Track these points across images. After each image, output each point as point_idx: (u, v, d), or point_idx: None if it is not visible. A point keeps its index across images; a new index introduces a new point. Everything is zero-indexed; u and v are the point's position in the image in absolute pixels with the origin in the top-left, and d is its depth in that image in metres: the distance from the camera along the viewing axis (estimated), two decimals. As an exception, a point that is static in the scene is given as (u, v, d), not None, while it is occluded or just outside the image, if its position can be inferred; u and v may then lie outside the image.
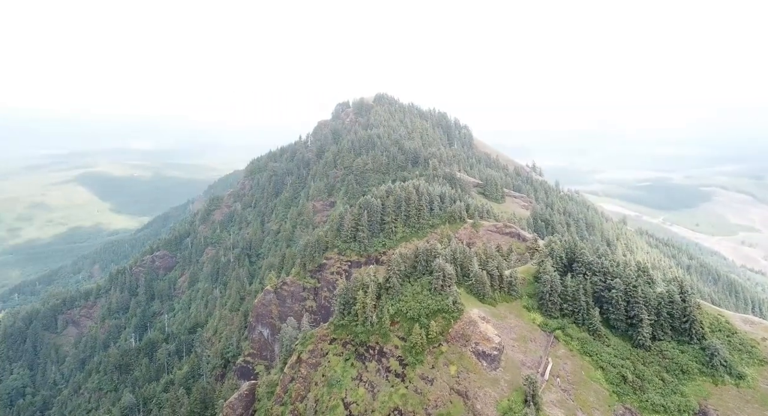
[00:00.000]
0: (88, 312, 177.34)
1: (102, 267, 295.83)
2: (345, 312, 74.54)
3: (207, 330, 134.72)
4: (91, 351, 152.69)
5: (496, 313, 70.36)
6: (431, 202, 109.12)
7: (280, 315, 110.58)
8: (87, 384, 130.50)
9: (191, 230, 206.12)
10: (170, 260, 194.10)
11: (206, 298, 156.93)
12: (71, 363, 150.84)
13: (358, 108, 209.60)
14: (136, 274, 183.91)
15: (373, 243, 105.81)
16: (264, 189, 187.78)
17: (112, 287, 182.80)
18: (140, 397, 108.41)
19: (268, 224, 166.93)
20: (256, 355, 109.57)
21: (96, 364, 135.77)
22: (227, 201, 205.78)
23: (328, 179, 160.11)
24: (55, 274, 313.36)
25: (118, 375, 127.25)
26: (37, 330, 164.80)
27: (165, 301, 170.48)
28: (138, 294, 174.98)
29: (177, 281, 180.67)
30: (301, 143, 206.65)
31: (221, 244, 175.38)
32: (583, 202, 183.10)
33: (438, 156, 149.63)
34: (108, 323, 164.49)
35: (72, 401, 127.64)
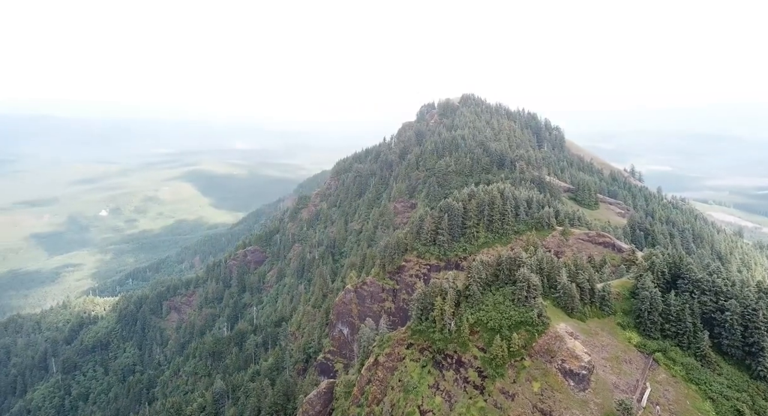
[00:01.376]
0: (188, 300, 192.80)
1: (202, 259, 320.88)
2: (422, 317, 73.32)
3: (291, 324, 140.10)
4: (189, 336, 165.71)
5: (586, 329, 65.27)
6: (517, 207, 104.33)
7: (360, 314, 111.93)
8: (185, 367, 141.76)
9: (280, 227, 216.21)
10: (261, 255, 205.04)
11: (292, 293, 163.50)
12: (173, 346, 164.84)
13: (443, 109, 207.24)
14: (230, 267, 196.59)
15: (454, 247, 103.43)
16: (348, 189, 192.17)
17: (209, 278, 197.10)
18: (229, 384, 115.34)
19: (351, 224, 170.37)
20: (336, 353, 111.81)
21: (193, 349, 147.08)
22: (314, 200, 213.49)
23: (409, 181, 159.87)
24: (162, 263, 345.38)
25: (212, 362, 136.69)
26: (146, 314, 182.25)
27: (255, 294, 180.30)
28: (231, 286, 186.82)
29: (266, 275, 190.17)
30: (385, 145, 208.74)
31: (307, 242, 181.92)
32: (690, 211, 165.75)
33: (526, 158, 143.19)
34: (204, 311, 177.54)
35: (172, 382, 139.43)
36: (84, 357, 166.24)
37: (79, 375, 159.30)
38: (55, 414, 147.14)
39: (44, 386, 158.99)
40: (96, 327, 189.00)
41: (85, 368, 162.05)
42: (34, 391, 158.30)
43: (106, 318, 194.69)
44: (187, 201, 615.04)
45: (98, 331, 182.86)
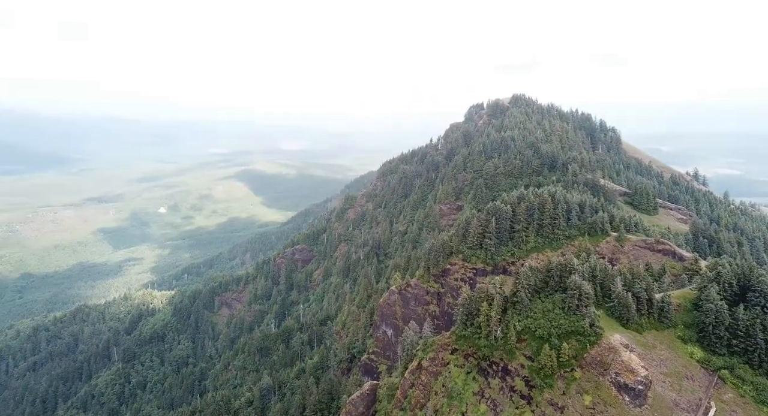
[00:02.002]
0: (239, 296, 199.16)
1: (252, 256, 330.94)
2: (467, 322, 71.90)
3: (337, 323, 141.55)
4: (239, 331, 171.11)
5: (643, 342, 61.80)
6: (568, 211, 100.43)
7: (404, 316, 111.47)
8: (234, 361, 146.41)
9: (327, 226, 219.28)
10: (308, 254, 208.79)
11: (337, 292, 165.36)
12: (223, 340, 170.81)
13: (492, 110, 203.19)
14: (279, 265, 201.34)
15: (501, 251, 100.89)
16: (394, 190, 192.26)
17: (258, 275, 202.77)
18: (276, 380, 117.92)
19: (396, 225, 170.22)
20: (380, 354, 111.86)
21: (242, 344, 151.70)
22: (360, 200, 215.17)
23: (456, 182, 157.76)
24: (215, 259, 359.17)
25: (259, 358, 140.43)
26: (199, 309, 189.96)
27: (302, 292, 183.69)
28: (279, 284, 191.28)
29: (313, 274, 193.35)
30: (432, 146, 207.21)
31: (353, 242, 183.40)
32: (761, 218, 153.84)
33: (579, 160, 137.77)
34: (254, 308, 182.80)
35: (222, 375, 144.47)
36: (142, 348, 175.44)
37: (137, 364, 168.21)
38: (116, 400, 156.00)
39: (107, 373, 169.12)
40: (153, 319, 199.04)
41: (143, 358, 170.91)
42: (98, 378, 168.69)
43: (163, 311, 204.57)
44: (240, 199, 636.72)
45: (155, 323, 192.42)
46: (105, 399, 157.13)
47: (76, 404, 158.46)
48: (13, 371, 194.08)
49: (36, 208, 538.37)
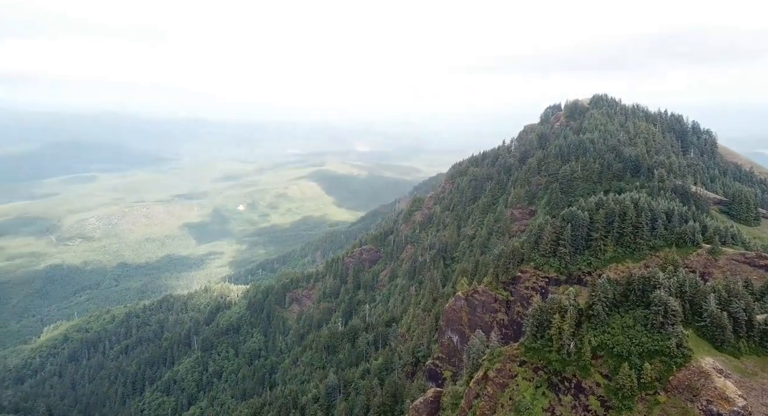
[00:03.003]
0: (308, 293, 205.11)
1: (322, 254, 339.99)
2: (538, 334, 68.58)
3: (402, 326, 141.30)
4: (308, 328, 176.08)
5: (740, 368, 55.59)
6: (653, 220, 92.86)
7: (470, 323, 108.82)
8: (302, 357, 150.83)
9: (395, 228, 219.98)
10: (375, 254, 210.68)
11: (403, 294, 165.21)
12: (293, 336, 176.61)
13: (570, 111, 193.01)
14: (347, 264, 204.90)
15: (576, 260, 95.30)
16: (463, 193, 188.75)
17: (327, 273, 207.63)
18: (341, 379, 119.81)
19: (464, 228, 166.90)
20: (445, 360, 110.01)
21: (310, 341, 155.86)
22: (428, 203, 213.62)
23: (529, 186, 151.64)
24: (288, 256, 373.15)
25: (326, 355, 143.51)
26: (271, 304, 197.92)
27: (368, 292, 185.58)
28: (347, 283, 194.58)
29: (379, 274, 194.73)
30: (504, 148, 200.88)
31: (419, 244, 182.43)
32: None
33: (666, 165, 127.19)
34: (322, 305, 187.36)
35: (291, 370, 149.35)
36: (219, 338, 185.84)
37: (214, 354, 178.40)
38: (195, 386, 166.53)
39: (187, 361, 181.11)
40: (230, 312, 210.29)
41: (220, 348, 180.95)
42: (180, 364, 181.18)
43: (238, 304, 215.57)
44: (313, 199, 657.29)
45: (231, 316, 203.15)
46: (185, 384, 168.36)
47: (160, 387, 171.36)
48: (108, 352, 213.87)
49: (132, 204, 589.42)
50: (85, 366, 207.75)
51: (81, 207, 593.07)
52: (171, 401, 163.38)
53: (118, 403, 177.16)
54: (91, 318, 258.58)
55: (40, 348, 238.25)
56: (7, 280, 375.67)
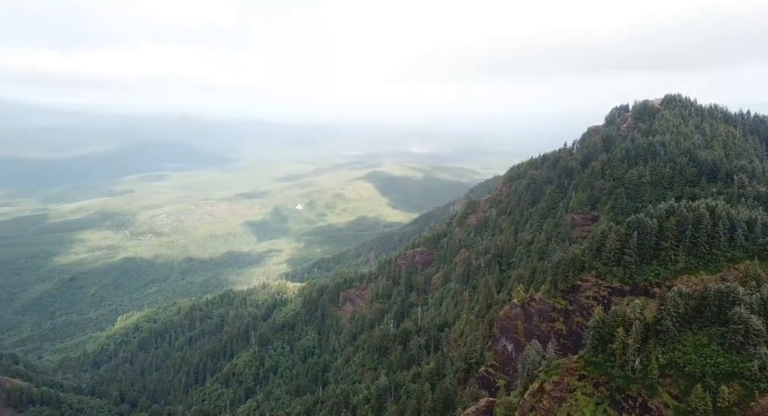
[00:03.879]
0: (361, 293, 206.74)
1: (376, 255, 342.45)
2: (599, 348, 64.89)
3: (454, 331, 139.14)
4: (360, 328, 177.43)
5: (834, 398, 49.91)
6: (732, 229, 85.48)
7: (526, 332, 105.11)
8: (354, 357, 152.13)
9: (448, 231, 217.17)
10: (428, 257, 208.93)
11: (456, 299, 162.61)
12: (346, 335, 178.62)
13: (638, 112, 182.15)
14: (399, 266, 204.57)
15: (643, 270, 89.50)
16: (521, 197, 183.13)
17: (380, 274, 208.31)
18: (392, 381, 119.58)
19: (522, 233, 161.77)
20: (498, 368, 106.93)
21: (362, 342, 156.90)
22: (483, 206, 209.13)
23: (592, 191, 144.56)
24: (343, 256, 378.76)
25: (378, 356, 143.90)
26: (325, 302, 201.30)
27: (420, 295, 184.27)
28: (399, 285, 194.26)
29: (432, 277, 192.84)
30: (566, 150, 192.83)
31: (474, 248, 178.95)
32: None
33: (748, 170, 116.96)
34: (375, 306, 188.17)
35: (343, 369, 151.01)
36: (275, 334, 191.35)
37: (271, 349, 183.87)
38: (252, 380, 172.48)
39: (245, 354, 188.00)
40: (286, 308, 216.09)
41: (276, 344, 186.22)
42: (238, 358, 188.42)
43: (294, 301, 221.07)
44: (368, 200, 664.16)
45: (287, 313, 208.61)
46: (243, 378, 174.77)
47: (220, 379, 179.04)
48: (174, 343, 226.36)
49: (198, 201, 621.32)
50: (153, 354, 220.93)
51: (153, 204, 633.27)
52: (229, 393, 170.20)
53: (182, 392, 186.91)
54: (159, 310, 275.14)
55: (114, 336, 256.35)
56: (88, 271, 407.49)
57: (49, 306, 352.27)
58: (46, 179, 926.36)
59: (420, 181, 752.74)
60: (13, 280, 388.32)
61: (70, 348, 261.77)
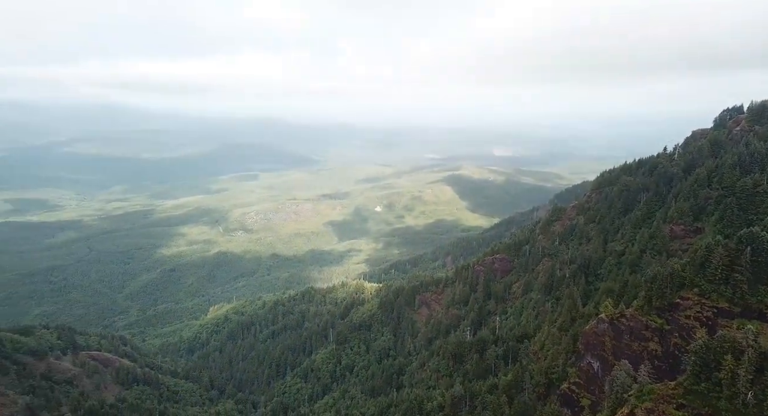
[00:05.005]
0: (437, 297, 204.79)
1: (453, 259, 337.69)
2: (702, 375, 58.50)
3: (534, 343, 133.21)
4: (436, 333, 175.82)
5: None
6: None
7: (614, 350, 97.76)
8: (430, 362, 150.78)
9: (531, 238, 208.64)
10: (508, 264, 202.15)
11: (537, 309, 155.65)
12: (421, 339, 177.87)
13: (756, 114, 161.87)
14: (477, 272, 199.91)
15: (757, 291, 79.67)
16: (612, 204, 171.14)
17: (457, 279, 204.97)
18: (468, 390, 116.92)
19: (612, 243, 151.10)
20: (582, 387, 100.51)
21: (437, 347, 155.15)
22: (570, 213, 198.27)
23: (696, 200, 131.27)
24: (420, 259, 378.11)
25: (453, 363, 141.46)
26: (401, 304, 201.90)
27: (499, 303, 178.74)
28: (477, 291, 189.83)
29: (512, 286, 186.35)
30: (665, 155, 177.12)
31: (558, 257, 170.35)
32: None
33: None
34: (451, 311, 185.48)
35: (418, 374, 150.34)
36: (352, 333, 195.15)
37: (347, 348, 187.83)
38: (329, 377, 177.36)
39: (323, 351, 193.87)
40: (363, 308, 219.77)
41: (353, 343, 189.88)
42: (317, 354, 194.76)
43: (371, 302, 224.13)
44: (447, 203, 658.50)
45: (364, 313, 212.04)
46: (320, 374, 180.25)
47: (299, 374, 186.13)
48: (258, 335, 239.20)
49: (284, 201, 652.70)
50: (240, 345, 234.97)
51: (244, 202, 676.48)
52: (308, 388, 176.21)
53: (264, 383, 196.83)
54: (246, 303, 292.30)
55: (206, 325, 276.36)
56: (186, 263, 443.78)
57: (152, 294, 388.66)
58: (154, 177, 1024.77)
59: (501, 185, 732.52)
60: (124, 269, 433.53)
61: (169, 334, 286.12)
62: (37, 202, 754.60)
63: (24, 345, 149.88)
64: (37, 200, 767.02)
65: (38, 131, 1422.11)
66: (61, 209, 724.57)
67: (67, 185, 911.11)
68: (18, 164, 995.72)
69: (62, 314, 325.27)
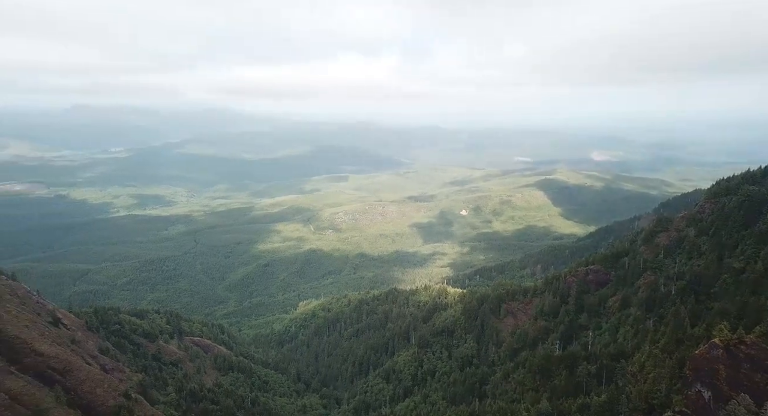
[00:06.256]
0: (524, 307, 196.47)
1: (543, 268, 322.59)
2: (843, 422, 50.16)
3: (633, 363, 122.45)
4: (521, 344, 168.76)
5: None
6: None
7: (730, 380, 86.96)
8: (514, 374, 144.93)
9: (631, 249, 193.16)
10: (604, 276, 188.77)
11: (637, 327, 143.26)
12: (506, 349, 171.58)
13: None
14: (569, 283, 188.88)
15: None
16: (730, 216, 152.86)
17: (546, 290, 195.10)
18: (555, 408, 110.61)
19: (729, 259, 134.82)
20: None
21: (523, 359, 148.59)
22: (678, 224, 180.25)
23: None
24: (506, 266, 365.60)
25: (539, 378, 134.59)
26: (486, 312, 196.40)
27: (592, 317, 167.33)
28: (568, 303, 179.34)
29: (608, 300, 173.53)
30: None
31: (663, 272, 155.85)
32: None
33: None
34: (539, 323, 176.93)
35: (502, 385, 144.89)
36: (434, 338, 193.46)
37: (429, 352, 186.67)
38: (410, 379, 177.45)
39: (405, 353, 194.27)
40: (445, 313, 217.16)
41: (435, 348, 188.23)
42: (398, 356, 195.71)
43: (454, 307, 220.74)
44: (538, 208, 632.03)
45: (447, 318, 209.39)
46: (402, 376, 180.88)
47: (381, 374, 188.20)
48: (343, 332, 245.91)
49: (372, 202, 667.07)
50: (326, 341, 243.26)
51: (334, 202, 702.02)
52: (389, 389, 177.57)
53: (348, 381, 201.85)
54: (333, 300, 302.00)
55: (295, 319, 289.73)
56: (280, 258, 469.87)
57: (248, 286, 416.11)
58: (254, 177, 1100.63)
59: (599, 191, 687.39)
60: (224, 262, 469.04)
61: (261, 326, 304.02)
62: (155, 198, 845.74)
63: (139, 327, 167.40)
64: (155, 196, 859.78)
65: (156, 134, 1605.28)
66: (174, 204, 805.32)
67: (180, 183, 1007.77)
68: (140, 163, 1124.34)
69: (171, 301, 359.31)
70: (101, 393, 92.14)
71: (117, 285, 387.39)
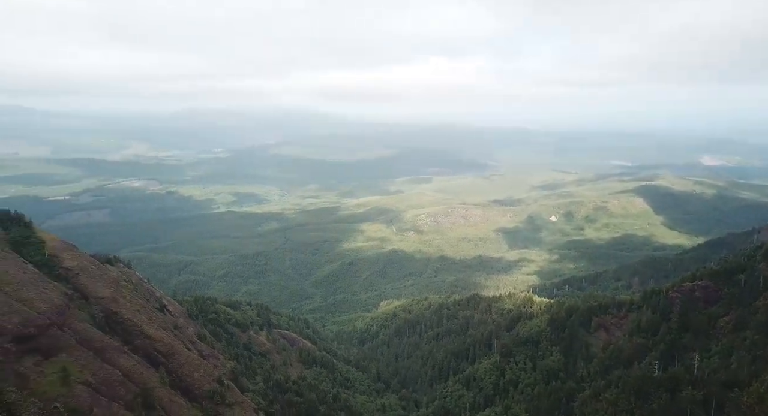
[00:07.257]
0: (619, 322, 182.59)
1: (641, 281, 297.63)
2: None
3: (749, 393, 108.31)
4: (615, 361, 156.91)
5: None
6: None
7: None
8: (606, 393, 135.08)
9: (748, 265, 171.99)
10: (714, 293, 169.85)
11: (754, 353, 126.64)
12: (597, 366, 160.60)
13: None
14: (672, 299, 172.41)
15: None
16: None
17: (644, 305, 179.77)
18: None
19: None
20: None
21: (616, 378, 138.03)
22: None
23: None
24: (599, 276, 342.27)
25: (635, 400, 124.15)
26: (575, 325, 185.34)
27: (699, 338, 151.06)
28: (670, 321, 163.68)
29: (719, 320, 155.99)
30: None
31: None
32: None
33: None
34: (635, 340, 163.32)
35: (591, 403, 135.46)
36: (518, 347, 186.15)
37: (512, 362, 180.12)
38: (492, 388, 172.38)
39: (486, 361, 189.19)
40: (530, 323, 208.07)
41: (518, 358, 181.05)
42: (480, 363, 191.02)
43: (540, 317, 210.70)
44: (637, 216, 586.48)
45: (532, 328, 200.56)
46: (483, 384, 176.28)
47: (461, 380, 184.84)
48: (423, 335, 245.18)
49: (454, 205, 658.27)
50: (406, 343, 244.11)
51: (417, 204, 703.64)
52: (469, 396, 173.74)
53: (427, 384, 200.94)
54: (413, 302, 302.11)
55: (376, 319, 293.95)
56: (363, 257, 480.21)
57: (333, 283, 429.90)
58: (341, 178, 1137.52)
59: (710, 200, 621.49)
60: (311, 259, 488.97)
61: (344, 323, 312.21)
62: (251, 196, 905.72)
63: (233, 317, 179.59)
64: (251, 194, 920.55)
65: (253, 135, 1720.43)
66: (268, 203, 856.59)
67: (274, 182, 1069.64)
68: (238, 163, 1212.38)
69: (261, 294, 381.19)
70: (198, 378, 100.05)
71: (215, 276, 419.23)
